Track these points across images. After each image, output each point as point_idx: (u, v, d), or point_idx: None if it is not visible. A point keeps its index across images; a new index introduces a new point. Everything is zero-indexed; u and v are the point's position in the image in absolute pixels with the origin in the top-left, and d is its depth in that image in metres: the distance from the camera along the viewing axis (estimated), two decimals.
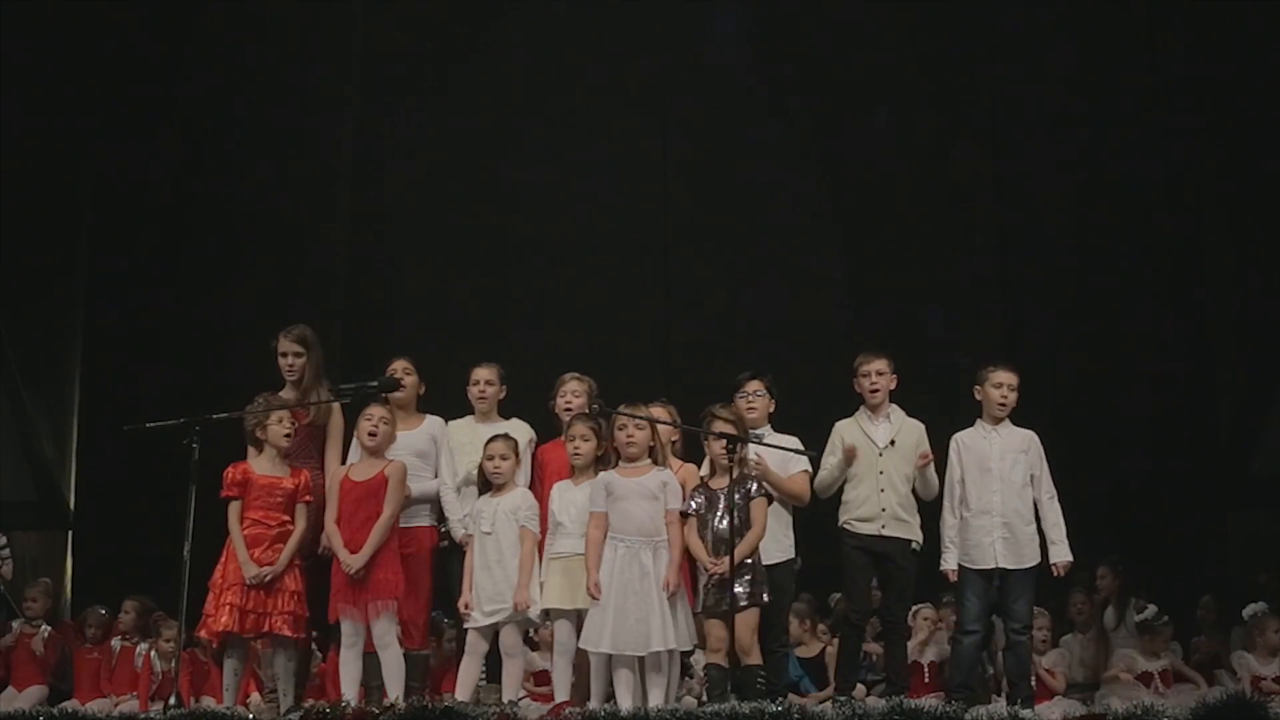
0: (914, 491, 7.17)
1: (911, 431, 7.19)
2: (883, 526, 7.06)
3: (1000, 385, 7.06)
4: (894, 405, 7.26)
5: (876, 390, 7.18)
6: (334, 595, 6.73)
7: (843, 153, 11.07)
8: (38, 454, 10.19)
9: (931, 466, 7.14)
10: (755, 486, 6.60)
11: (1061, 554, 6.98)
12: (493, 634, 6.84)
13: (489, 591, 6.77)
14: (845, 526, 7.13)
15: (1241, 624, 8.51)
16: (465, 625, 6.86)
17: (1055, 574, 7.04)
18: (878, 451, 7.11)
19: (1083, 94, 10.82)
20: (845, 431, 7.22)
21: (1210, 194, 10.66)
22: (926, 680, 8.07)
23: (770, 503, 6.70)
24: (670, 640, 6.39)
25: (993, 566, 6.91)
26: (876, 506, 7.06)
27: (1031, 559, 6.93)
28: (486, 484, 6.96)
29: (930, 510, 7.21)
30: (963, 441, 7.10)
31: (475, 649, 6.79)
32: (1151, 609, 8.40)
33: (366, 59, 11.28)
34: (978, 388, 7.13)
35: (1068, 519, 7.12)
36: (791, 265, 10.95)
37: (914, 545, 7.13)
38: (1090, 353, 10.68)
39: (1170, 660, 8.25)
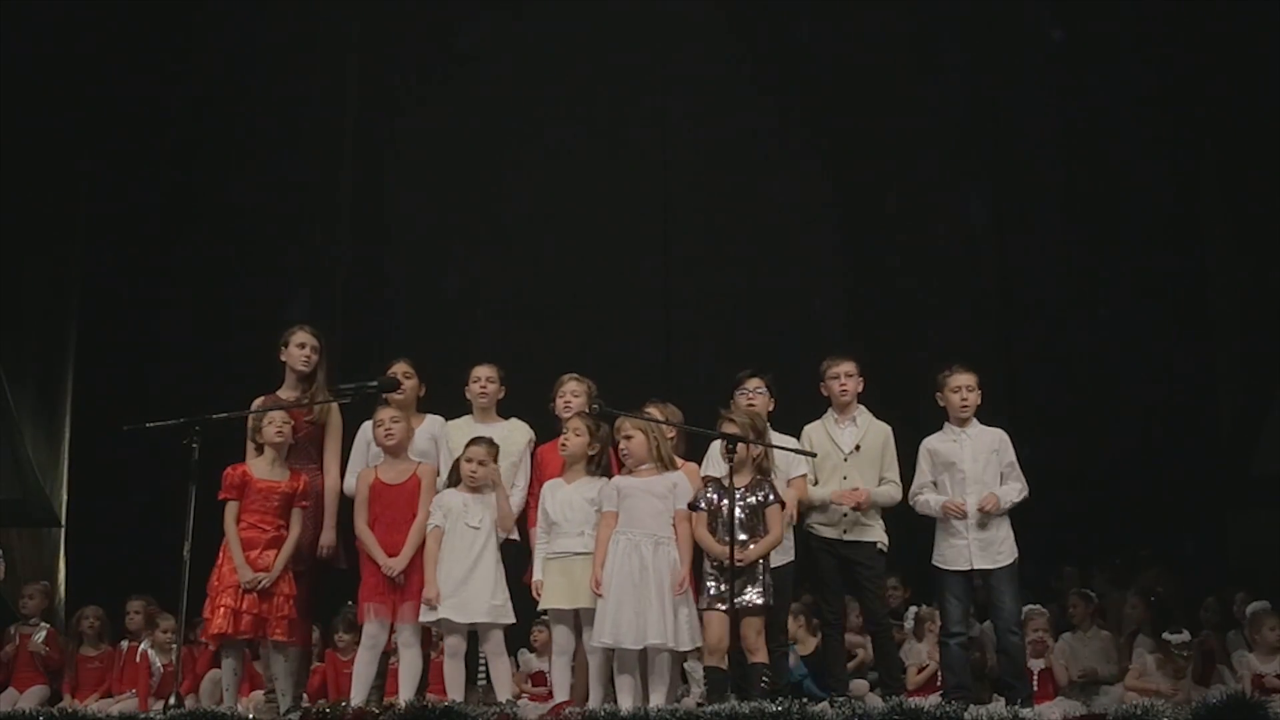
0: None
1: (878, 434, 7.19)
2: (845, 531, 7.08)
3: (959, 389, 7.04)
4: (861, 407, 7.26)
5: (845, 392, 7.19)
6: (364, 596, 6.74)
7: (843, 153, 11.07)
8: (23, 452, 10.15)
9: (894, 470, 7.13)
10: (770, 494, 6.61)
11: (1004, 494, 6.88)
12: (469, 635, 6.80)
13: (470, 588, 6.67)
14: (809, 529, 7.14)
15: (1242, 624, 8.52)
16: (434, 617, 6.66)
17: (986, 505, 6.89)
18: (843, 456, 7.12)
19: (1083, 91, 10.83)
20: (813, 434, 7.21)
21: (1211, 193, 10.66)
22: (939, 682, 8.08)
23: (784, 508, 6.70)
24: (669, 636, 6.40)
25: (968, 569, 6.91)
26: (838, 511, 7.07)
27: (1008, 556, 6.92)
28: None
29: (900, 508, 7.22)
30: (933, 447, 7.09)
31: (455, 650, 6.74)
32: (1184, 635, 8.39)
33: (366, 60, 11.29)
34: (939, 395, 7.11)
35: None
36: (792, 265, 10.96)
37: (879, 546, 7.13)
38: (1089, 353, 10.68)
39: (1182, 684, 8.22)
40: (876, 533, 7.13)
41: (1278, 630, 7.98)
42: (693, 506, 6.59)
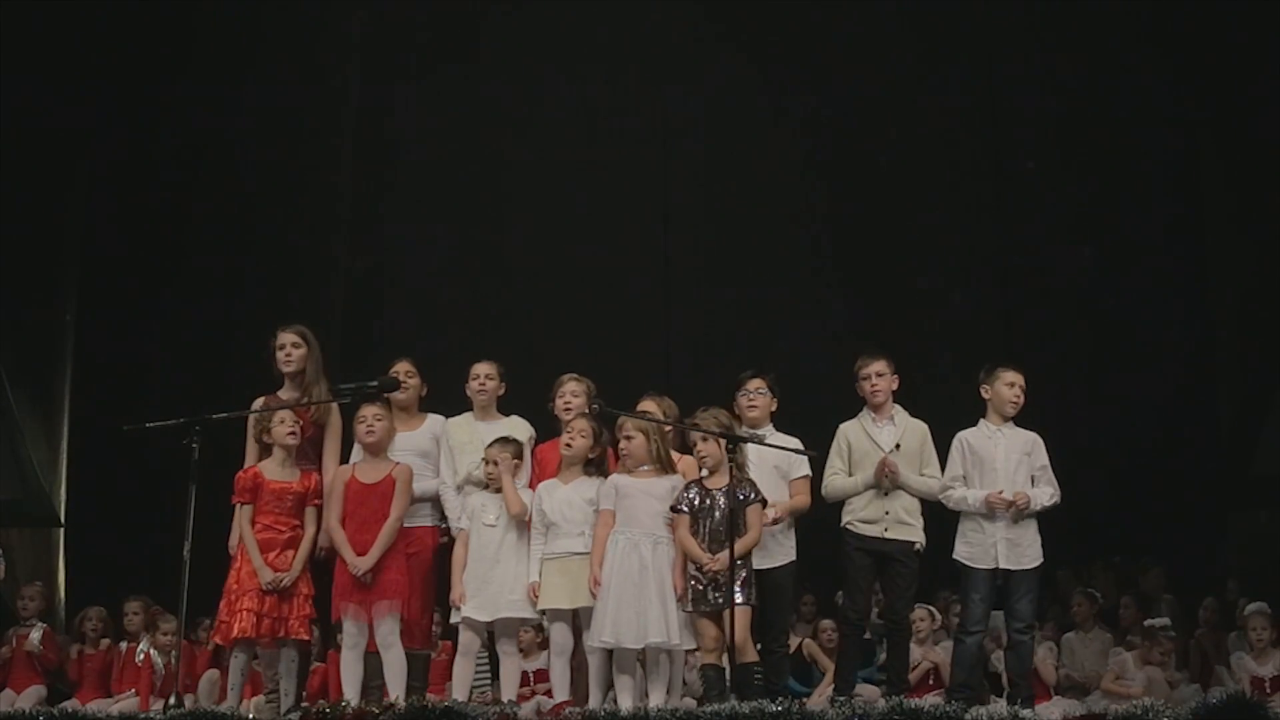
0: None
1: (915, 433, 7.15)
2: (885, 529, 7.02)
3: (1013, 384, 7.01)
4: (898, 406, 7.21)
5: (878, 391, 7.14)
6: (337, 595, 6.72)
7: (843, 153, 11.08)
8: (24, 451, 10.14)
9: (934, 467, 7.11)
10: (752, 492, 6.60)
11: (1035, 495, 6.88)
12: (485, 632, 6.83)
13: (491, 586, 6.73)
14: (848, 527, 7.10)
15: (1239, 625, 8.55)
16: (460, 617, 6.76)
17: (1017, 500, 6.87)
18: (883, 455, 7.06)
19: (1084, 90, 10.85)
20: (850, 433, 7.17)
21: (1212, 192, 10.67)
22: (931, 681, 8.08)
23: (765, 506, 6.69)
24: (669, 635, 6.40)
25: (994, 567, 6.91)
26: (880, 509, 7.03)
27: (1034, 559, 6.91)
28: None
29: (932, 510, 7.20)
30: (968, 441, 7.06)
31: (469, 648, 6.78)
32: (1165, 620, 8.41)
33: (367, 59, 11.29)
34: (985, 386, 7.06)
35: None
36: (791, 265, 10.97)
37: (917, 546, 7.09)
38: (1090, 352, 10.70)
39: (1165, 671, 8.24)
40: (916, 532, 7.07)
41: (1268, 631, 8.01)
42: (674, 509, 6.57)
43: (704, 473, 6.68)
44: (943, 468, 7.10)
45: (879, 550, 7.04)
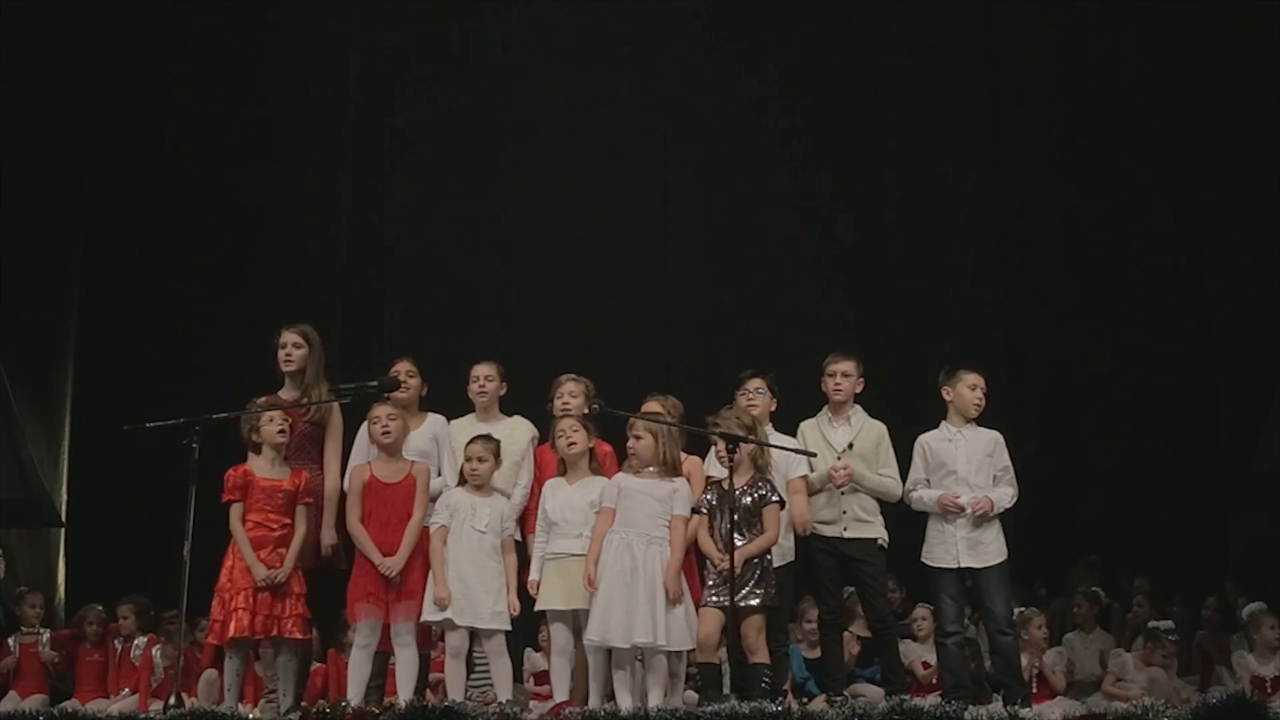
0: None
1: (871, 432, 7.20)
2: (845, 529, 7.10)
3: (975, 387, 7.04)
4: (857, 406, 7.26)
5: (839, 391, 7.19)
6: (356, 596, 6.71)
7: (842, 153, 11.07)
8: (25, 452, 10.13)
9: (892, 467, 7.13)
10: (770, 492, 6.62)
11: (998, 499, 6.86)
12: (470, 634, 6.81)
13: (473, 590, 6.70)
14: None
15: (1242, 624, 8.54)
16: (439, 617, 6.66)
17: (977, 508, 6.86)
18: (836, 455, 7.12)
19: (1081, 93, 10.84)
20: (806, 431, 7.24)
21: (1212, 193, 10.66)
22: (935, 681, 8.09)
23: (783, 508, 6.70)
24: (657, 636, 6.40)
25: (957, 566, 6.90)
26: (837, 509, 7.10)
27: (997, 556, 6.90)
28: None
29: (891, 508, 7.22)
30: (928, 444, 7.09)
31: (458, 650, 6.75)
32: (1168, 624, 8.41)
33: (367, 59, 11.29)
34: (947, 389, 7.08)
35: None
36: (792, 265, 10.96)
37: (880, 543, 7.15)
38: (1090, 353, 10.69)
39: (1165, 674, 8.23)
40: (877, 529, 7.16)
41: (1276, 630, 8.00)
42: (694, 510, 6.60)
43: (721, 473, 6.68)
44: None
45: (841, 551, 7.09)
